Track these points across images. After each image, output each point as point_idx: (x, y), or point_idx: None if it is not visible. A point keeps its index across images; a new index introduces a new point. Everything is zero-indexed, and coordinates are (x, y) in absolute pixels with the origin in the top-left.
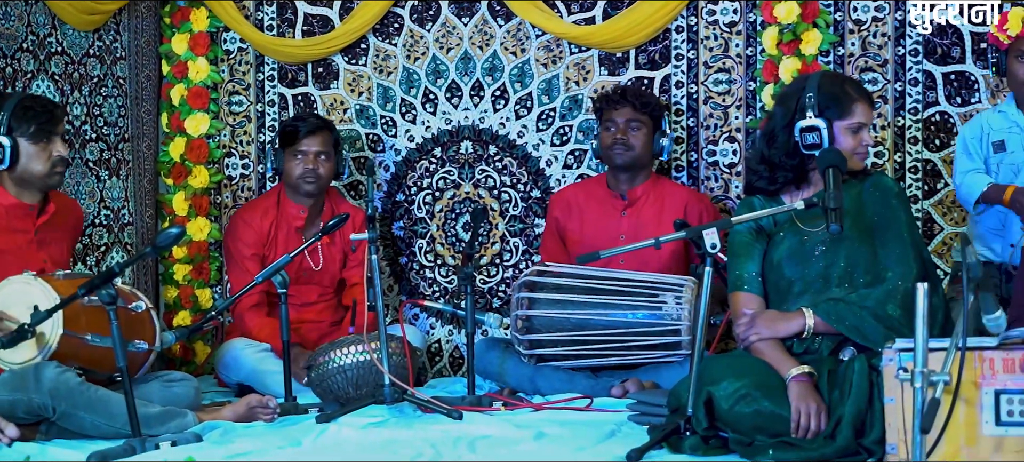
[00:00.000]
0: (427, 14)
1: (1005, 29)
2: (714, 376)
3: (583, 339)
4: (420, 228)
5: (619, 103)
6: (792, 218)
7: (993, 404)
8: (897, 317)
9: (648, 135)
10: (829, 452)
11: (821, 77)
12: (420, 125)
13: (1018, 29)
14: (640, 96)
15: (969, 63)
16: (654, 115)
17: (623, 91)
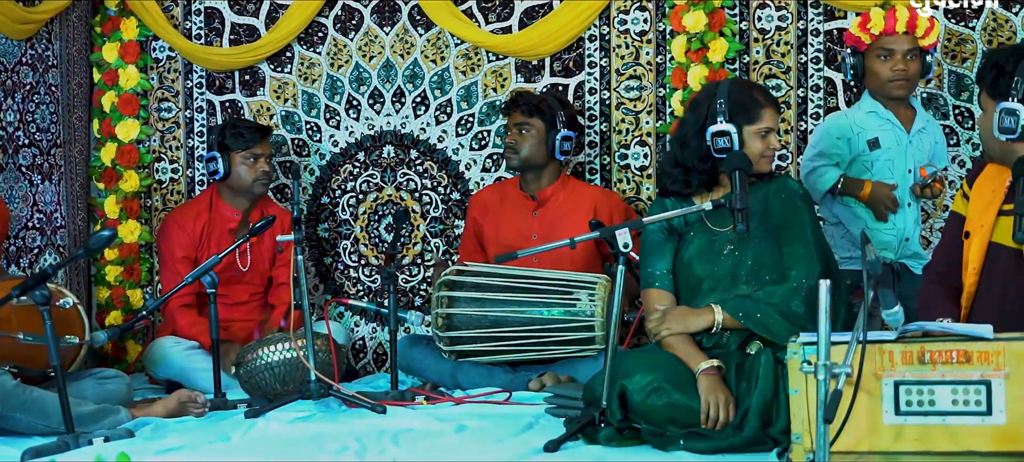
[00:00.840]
0: (350, 23)
1: (868, 28)
2: (627, 370)
3: (501, 335)
4: (344, 229)
5: (509, 108)
6: (702, 218)
7: (892, 395)
8: (801, 313)
9: (539, 137)
10: (737, 441)
11: (731, 84)
12: (344, 130)
13: (880, 28)
14: (529, 99)
15: None
16: (544, 116)
17: (514, 97)
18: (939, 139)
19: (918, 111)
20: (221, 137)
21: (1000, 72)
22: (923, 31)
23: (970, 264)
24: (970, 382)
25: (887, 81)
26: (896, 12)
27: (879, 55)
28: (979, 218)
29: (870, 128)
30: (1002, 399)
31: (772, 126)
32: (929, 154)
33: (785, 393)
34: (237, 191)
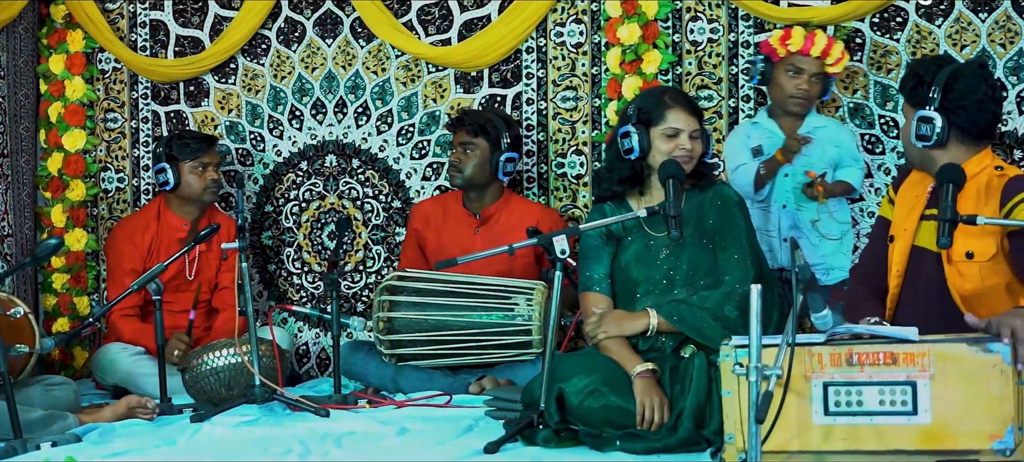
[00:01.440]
0: (293, 36)
1: (786, 43)
2: (565, 373)
3: (441, 340)
4: (288, 237)
5: (455, 126)
6: (640, 223)
7: (822, 396)
8: (734, 318)
9: (483, 157)
10: (672, 442)
11: (646, 91)
12: (287, 140)
13: (798, 46)
14: (474, 120)
15: None
16: (489, 137)
17: (460, 116)
18: (841, 140)
19: (808, 119)
20: (168, 149)
21: (919, 82)
22: (833, 60)
23: (893, 267)
24: (896, 383)
25: (789, 96)
26: (815, 36)
27: (788, 70)
28: (903, 222)
29: (755, 137)
30: (927, 399)
31: (681, 127)
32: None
33: (718, 395)
34: (186, 201)
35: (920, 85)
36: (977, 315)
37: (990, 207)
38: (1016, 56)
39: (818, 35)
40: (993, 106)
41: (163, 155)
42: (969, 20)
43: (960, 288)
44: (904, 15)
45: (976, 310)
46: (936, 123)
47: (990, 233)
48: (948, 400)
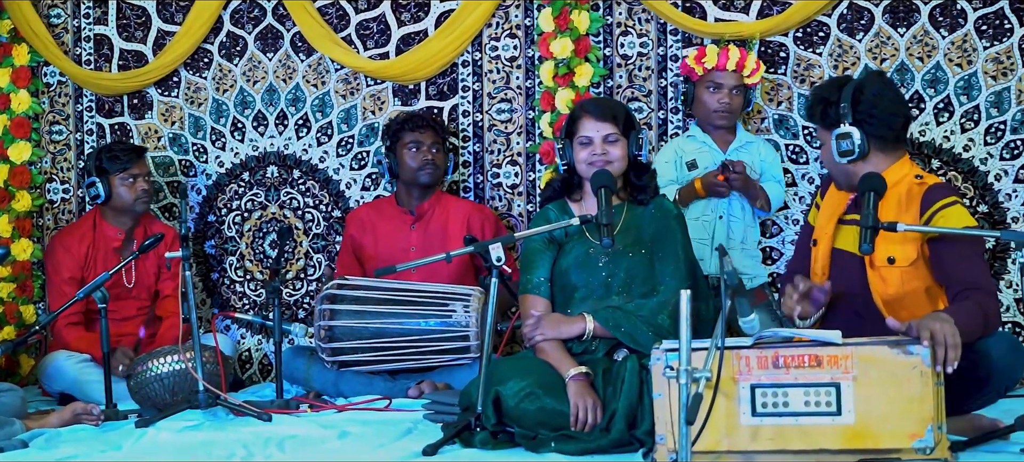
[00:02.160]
0: (235, 50)
1: (702, 62)
2: (501, 377)
3: (381, 345)
4: (230, 246)
5: (424, 127)
6: (582, 230)
7: (749, 397)
8: (667, 326)
9: (445, 155)
10: (605, 443)
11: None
12: (229, 152)
13: (713, 63)
14: (437, 120)
15: None
16: (446, 137)
17: (426, 117)
18: (766, 156)
19: (738, 135)
20: (98, 162)
21: (827, 104)
22: (749, 71)
23: (817, 269)
24: (821, 384)
25: (712, 111)
26: (729, 51)
27: (708, 87)
28: (824, 227)
29: (689, 151)
30: (851, 400)
31: (591, 134)
32: (752, 170)
33: (649, 397)
34: (120, 211)
35: (829, 106)
36: (899, 318)
37: (911, 214)
38: (933, 69)
39: (731, 49)
40: (902, 109)
41: (93, 168)
42: (888, 34)
43: (882, 292)
44: (826, 30)
45: (898, 313)
46: (854, 137)
47: (911, 239)
48: (871, 401)
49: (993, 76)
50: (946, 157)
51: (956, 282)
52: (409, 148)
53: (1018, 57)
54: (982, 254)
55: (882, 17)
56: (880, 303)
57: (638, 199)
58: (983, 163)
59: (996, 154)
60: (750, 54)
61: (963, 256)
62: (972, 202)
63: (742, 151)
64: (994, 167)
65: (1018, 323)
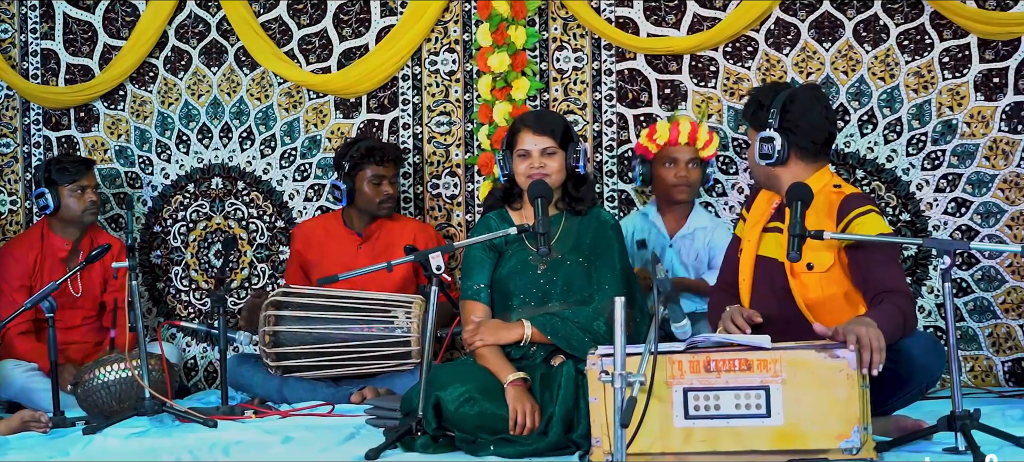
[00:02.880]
0: (179, 64)
1: (654, 138)
2: (441, 382)
3: (324, 352)
4: (176, 256)
5: (387, 162)
6: (521, 239)
7: (682, 401)
8: (603, 333)
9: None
10: (542, 446)
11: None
12: (174, 164)
13: (665, 138)
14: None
15: (655, 106)
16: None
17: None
18: (715, 242)
19: (691, 217)
20: (47, 173)
21: (759, 106)
22: (702, 143)
23: (741, 276)
24: (751, 388)
25: (671, 186)
26: (679, 125)
27: (665, 163)
28: (748, 235)
29: (641, 229)
30: (779, 402)
31: (528, 147)
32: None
33: (585, 401)
34: (68, 222)
35: (760, 108)
36: (821, 322)
37: (829, 223)
38: (858, 83)
39: (681, 122)
40: (828, 125)
41: (42, 180)
42: (814, 49)
43: (804, 297)
44: (754, 44)
45: (820, 317)
46: (776, 142)
47: (828, 247)
48: (799, 403)
49: (914, 89)
50: (870, 167)
51: (875, 286)
52: (371, 181)
53: (938, 71)
54: (899, 259)
55: (808, 32)
56: (803, 307)
57: (576, 209)
58: (905, 173)
59: (918, 164)
60: (701, 126)
61: (881, 262)
62: (895, 211)
63: (688, 238)
64: (916, 177)
65: (940, 327)
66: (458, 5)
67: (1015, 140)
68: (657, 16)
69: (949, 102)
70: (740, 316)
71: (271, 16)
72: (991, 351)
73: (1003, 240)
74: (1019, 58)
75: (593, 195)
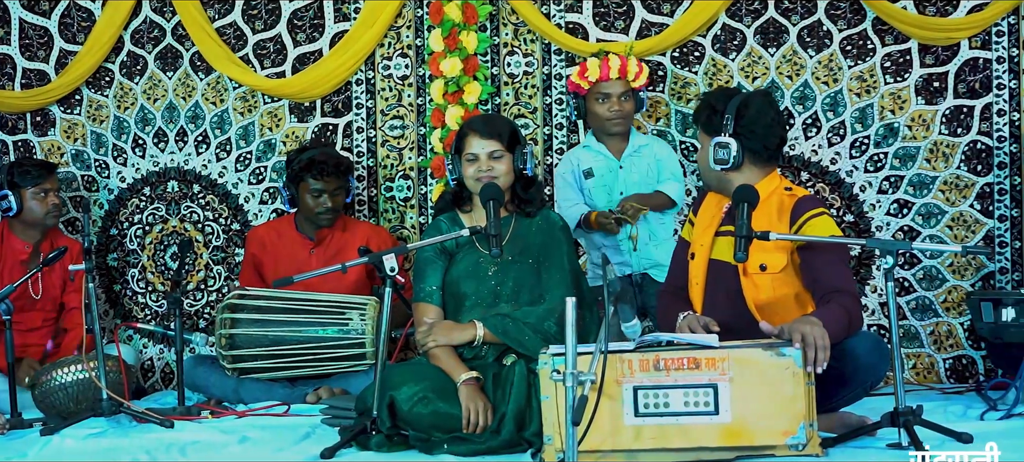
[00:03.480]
0: (135, 69)
1: (586, 76)
2: (396, 382)
3: (280, 353)
4: (132, 259)
5: (328, 175)
6: (472, 241)
7: (632, 399)
8: (553, 332)
9: (345, 192)
10: (495, 444)
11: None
12: (131, 167)
13: (597, 75)
14: (338, 164)
15: None
16: (349, 174)
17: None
18: (662, 156)
19: (632, 139)
20: (10, 176)
21: (712, 111)
22: (633, 75)
23: (694, 280)
24: (699, 386)
25: (606, 120)
26: (609, 61)
27: (597, 98)
28: (700, 239)
29: (586, 160)
30: (727, 400)
31: (476, 151)
32: (648, 172)
33: (537, 399)
34: (29, 225)
35: (714, 114)
36: (771, 323)
37: (782, 224)
38: (802, 87)
39: (611, 58)
40: (780, 129)
41: (5, 182)
42: (760, 54)
43: (755, 298)
44: (701, 49)
45: (769, 318)
46: (731, 148)
47: (781, 248)
48: (746, 400)
49: (857, 93)
50: (814, 170)
51: (822, 287)
52: (312, 193)
53: (880, 75)
54: (847, 261)
55: (753, 38)
56: (753, 308)
57: (525, 211)
58: (849, 175)
59: (861, 167)
60: (630, 59)
61: (829, 262)
62: (839, 212)
63: (635, 156)
64: (859, 179)
65: (883, 325)
66: (411, 11)
67: (955, 143)
68: (606, 21)
69: (891, 106)
70: (698, 324)
71: (226, 21)
72: (933, 349)
73: (944, 240)
74: (958, 63)
75: (542, 197)
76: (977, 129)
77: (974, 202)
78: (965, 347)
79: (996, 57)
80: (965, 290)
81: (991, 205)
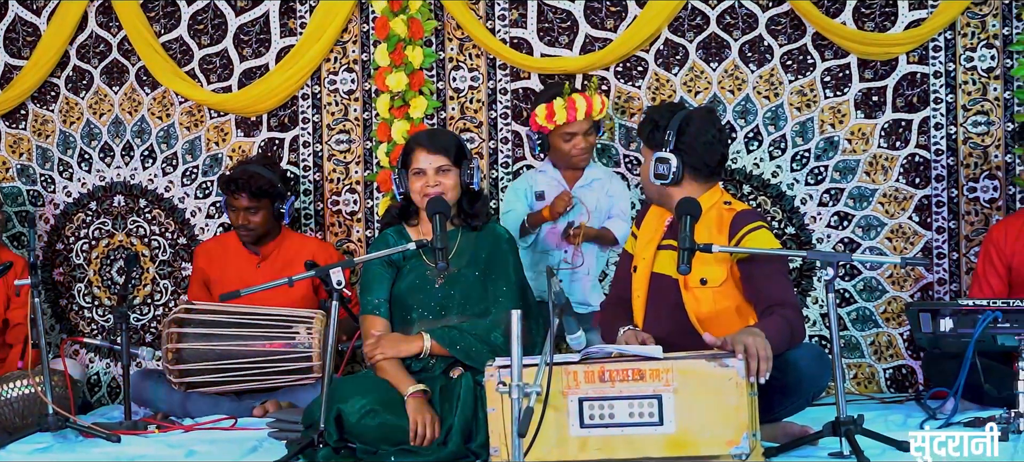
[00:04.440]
0: (81, 84)
1: (553, 119)
2: (343, 395)
3: (227, 367)
4: (78, 273)
5: (236, 191)
6: (419, 253)
7: (577, 410)
8: (500, 343)
9: (267, 212)
10: (442, 456)
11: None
12: (77, 182)
13: (564, 118)
14: (253, 182)
15: None
16: (268, 194)
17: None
18: (614, 192)
19: (587, 170)
20: None
21: (655, 126)
22: (597, 112)
23: (636, 293)
24: (644, 396)
25: (572, 157)
26: (575, 103)
27: (563, 138)
28: (643, 252)
29: (540, 183)
30: (672, 410)
31: (423, 166)
32: (598, 205)
33: (484, 411)
34: None
35: (656, 129)
36: (713, 334)
37: (721, 238)
38: (743, 101)
39: (577, 100)
40: (721, 147)
41: None
42: (702, 69)
43: (696, 311)
44: (644, 64)
45: (712, 330)
46: (672, 163)
47: (721, 261)
48: (690, 411)
49: (798, 107)
50: (756, 183)
51: (764, 299)
52: (230, 208)
53: (820, 90)
54: (787, 273)
55: (696, 53)
56: (695, 321)
57: (471, 225)
58: (790, 188)
59: (801, 180)
60: (594, 97)
61: (770, 275)
62: (780, 225)
63: (587, 188)
64: (800, 192)
65: (824, 336)
66: (357, 26)
67: (893, 156)
68: (550, 36)
69: (831, 120)
70: (636, 339)
71: (172, 36)
72: (873, 359)
73: (883, 252)
74: (897, 77)
75: (488, 210)
76: (915, 142)
77: (913, 214)
78: (905, 357)
79: (933, 71)
80: (904, 301)
81: (929, 217)
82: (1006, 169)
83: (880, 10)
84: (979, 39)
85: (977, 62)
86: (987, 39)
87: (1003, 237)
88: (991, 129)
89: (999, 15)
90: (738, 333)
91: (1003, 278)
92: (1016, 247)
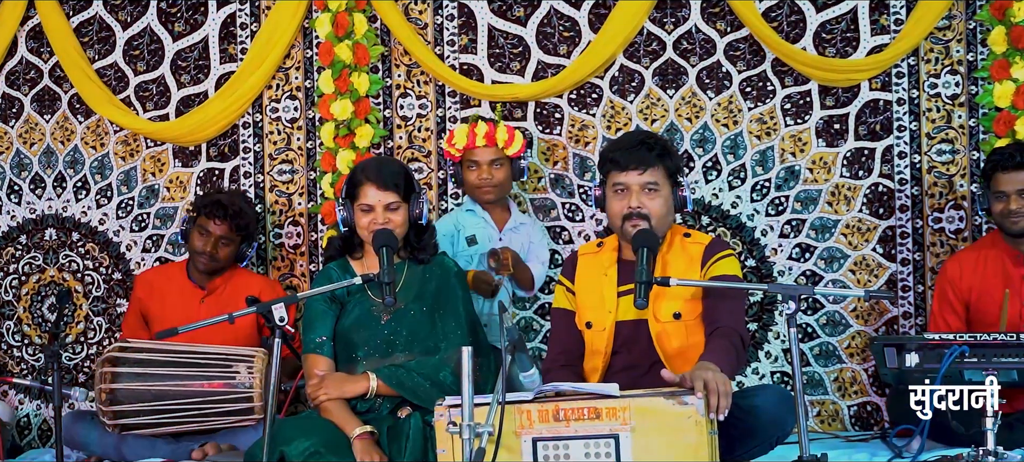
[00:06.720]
0: (10, 111)
1: (453, 143)
2: (286, 436)
3: (164, 408)
4: (7, 310)
5: (219, 218)
6: (363, 289)
7: (531, 450)
8: (449, 382)
9: (236, 247)
10: None
11: (357, 164)
12: (5, 215)
13: (463, 143)
14: (240, 217)
15: None
16: (247, 234)
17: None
18: (535, 239)
19: (513, 213)
20: None
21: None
22: (503, 143)
23: (595, 349)
24: (600, 436)
25: (476, 187)
26: (475, 128)
27: (468, 166)
28: (602, 306)
29: (469, 226)
30: (629, 450)
31: (371, 202)
32: (523, 250)
33: (433, 453)
34: None
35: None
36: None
37: (692, 271)
38: (701, 129)
39: (479, 126)
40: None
41: None
42: (658, 96)
43: (666, 347)
44: (599, 92)
45: (680, 365)
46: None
47: (695, 296)
48: (648, 450)
49: (757, 136)
50: (715, 213)
51: (715, 321)
52: (200, 230)
53: (780, 117)
54: (743, 302)
55: (652, 79)
56: (663, 357)
57: (419, 258)
58: (750, 219)
59: (762, 210)
60: (499, 127)
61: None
62: (741, 256)
63: (514, 232)
64: (760, 223)
65: (786, 372)
66: (300, 51)
67: (856, 185)
68: (501, 63)
69: (792, 148)
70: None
71: (106, 62)
72: (837, 395)
73: (846, 285)
74: (859, 105)
75: (435, 243)
76: (878, 172)
77: (876, 245)
78: (870, 394)
79: (896, 98)
80: (869, 335)
81: (894, 249)
82: (972, 199)
83: (842, 35)
84: (943, 65)
85: (941, 89)
86: (951, 65)
87: (958, 274)
88: (956, 158)
89: (963, 40)
90: (697, 369)
91: (961, 316)
92: (973, 281)
